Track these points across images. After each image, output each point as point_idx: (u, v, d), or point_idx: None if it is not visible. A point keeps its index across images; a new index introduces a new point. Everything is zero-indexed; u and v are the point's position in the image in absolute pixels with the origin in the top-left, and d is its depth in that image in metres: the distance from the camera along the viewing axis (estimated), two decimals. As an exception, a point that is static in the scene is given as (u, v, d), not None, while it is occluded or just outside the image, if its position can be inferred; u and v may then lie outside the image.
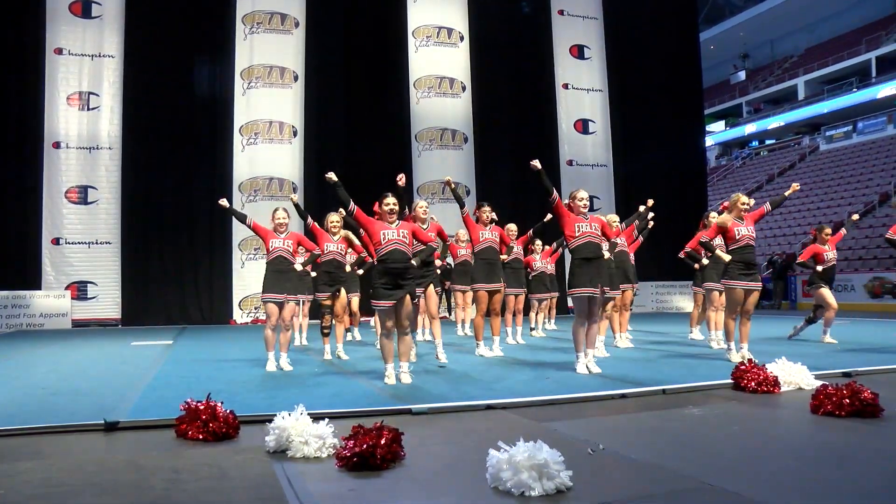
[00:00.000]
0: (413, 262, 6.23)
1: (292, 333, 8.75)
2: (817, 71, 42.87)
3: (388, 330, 6.13)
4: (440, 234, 7.93)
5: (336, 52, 17.13)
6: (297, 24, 16.91)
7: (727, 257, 7.28)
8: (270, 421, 3.97)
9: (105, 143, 15.61)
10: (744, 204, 7.39)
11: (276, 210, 7.44)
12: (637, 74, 19.51)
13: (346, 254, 8.41)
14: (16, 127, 15.29)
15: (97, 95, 15.66)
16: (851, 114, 37.04)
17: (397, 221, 6.35)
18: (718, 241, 8.02)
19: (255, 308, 15.66)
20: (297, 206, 8.52)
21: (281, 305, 7.23)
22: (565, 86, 19.11)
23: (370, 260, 7.98)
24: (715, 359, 7.73)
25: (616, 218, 9.05)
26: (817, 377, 5.78)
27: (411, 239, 6.35)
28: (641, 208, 9.07)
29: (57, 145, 15.34)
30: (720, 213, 8.20)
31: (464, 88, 18.11)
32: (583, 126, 19.22)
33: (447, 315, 15.62)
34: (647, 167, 19.54)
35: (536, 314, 11.55)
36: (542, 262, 11.03)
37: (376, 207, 6.61)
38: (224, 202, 7.82)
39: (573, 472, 3.13)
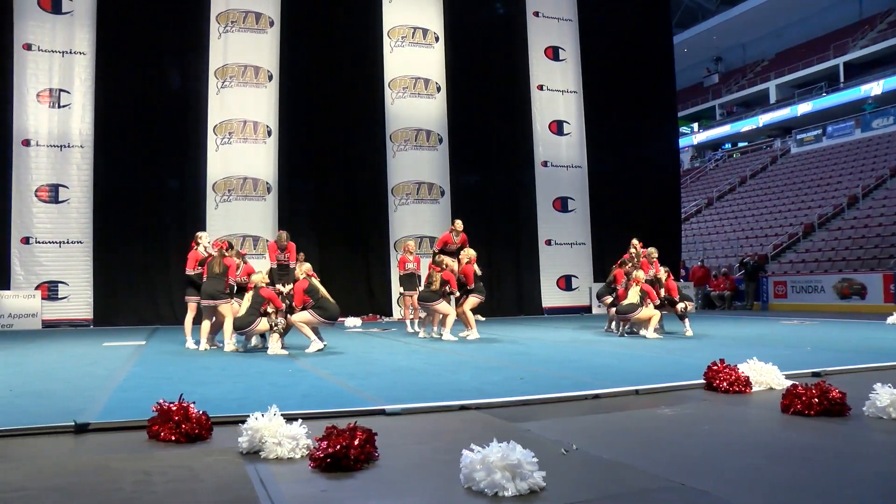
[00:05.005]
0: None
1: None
2: (788, 75, 43.52)
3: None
4: None
5: (311, 52, 17.05)
6: (271, 24, 16.81)
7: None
8: (243, 422, 3.94)
9: (76, 141, 15.38)
10: None
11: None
12: (611, 76, 19.59)
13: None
14: (-16, 124, 15.04)
15: (68, 93, 15.43)
16: (822, 117, 37.67)
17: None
18: None
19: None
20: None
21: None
22: (540, 87, 19.16)
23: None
24: (687, 359, 7.80)
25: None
26: (787, 377, 5.86)
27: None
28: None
29: (27, 143, 15.10)
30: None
31: (439, 89, 18.11)
32: (557, 127, 19.29)
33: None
34: (622, 169, 19.66)
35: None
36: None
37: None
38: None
39: (546, 473, 3.14)
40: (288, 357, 8.43)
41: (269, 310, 8.95)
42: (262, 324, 8.93)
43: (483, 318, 15.76)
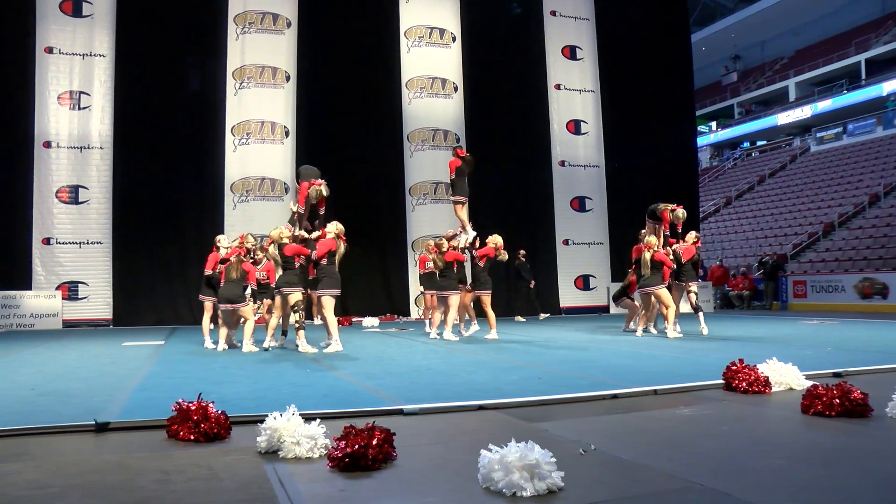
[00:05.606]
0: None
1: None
2: (808, 72, 43.13)
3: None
4: None
5: (328, 53, 17.09)
6: (289, 25, 16.87)
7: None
8: (262, 421, 3.96)
9: (96, 142, 15.52)
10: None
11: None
12: (629, 75, 19.50)
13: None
14: (5, 126, 15.12)
15: (88, 95, 15.57)
16: (842, 115, 37.29)
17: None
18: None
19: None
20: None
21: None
22: (557, 86, 19.11)
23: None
24: (706, 359, 7.75)
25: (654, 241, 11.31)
26: (808, 377, 5.80)
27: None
28: None
29: (47, 145, 15.25)
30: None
31: (456, 89, 18.10)
32: (575, 127, 19.23)
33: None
34: (639, 168, 19.54)
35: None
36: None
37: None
38: None
39: (564, 473, 3.13)
40: (306, 357, 8.46)
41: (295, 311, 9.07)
42: (297, 294, 9.13)
43: (523, 319, 15.93)
